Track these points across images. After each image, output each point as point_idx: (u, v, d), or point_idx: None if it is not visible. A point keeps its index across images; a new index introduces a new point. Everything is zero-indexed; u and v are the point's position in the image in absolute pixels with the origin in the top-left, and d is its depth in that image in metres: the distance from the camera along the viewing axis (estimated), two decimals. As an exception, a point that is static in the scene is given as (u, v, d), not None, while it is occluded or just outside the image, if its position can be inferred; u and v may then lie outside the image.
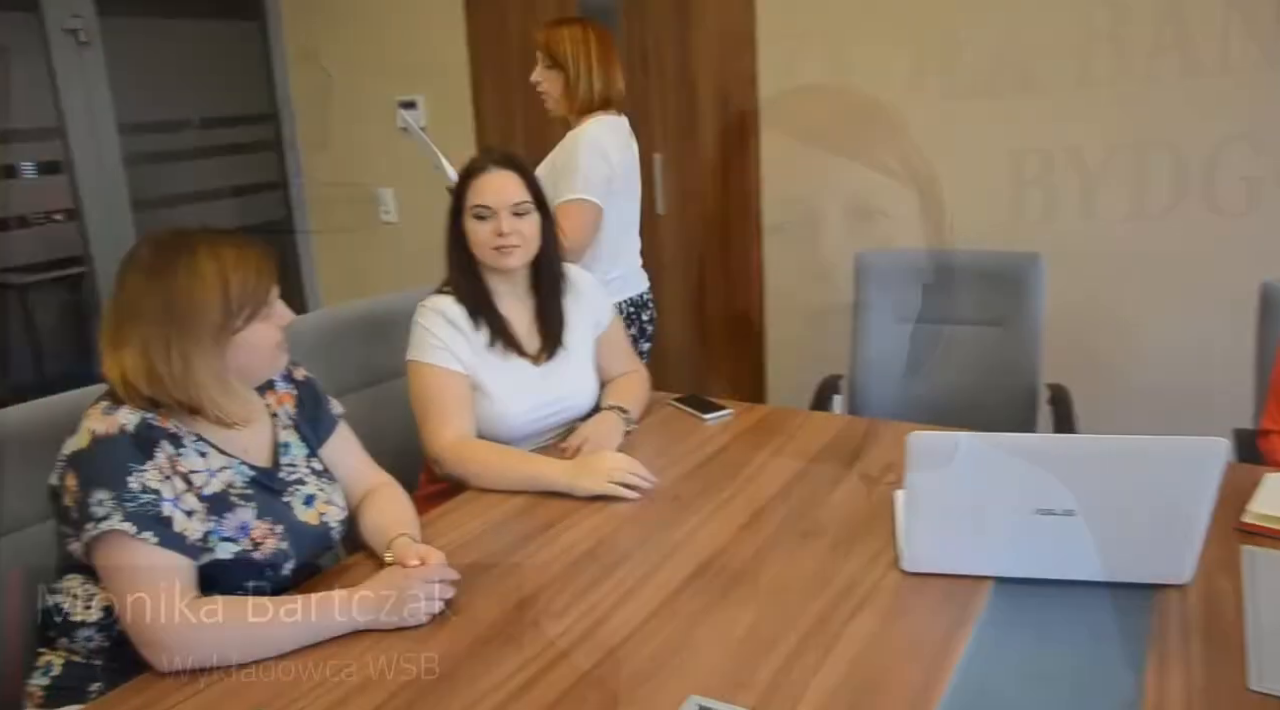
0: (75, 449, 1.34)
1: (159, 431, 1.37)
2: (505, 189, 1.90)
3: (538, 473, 1.78)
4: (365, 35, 3.89)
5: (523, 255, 1.92)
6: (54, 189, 3.68)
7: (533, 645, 1.29)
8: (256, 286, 1.41)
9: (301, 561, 1.48)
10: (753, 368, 3.41)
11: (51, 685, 1.42)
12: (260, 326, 1.43)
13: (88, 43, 3.53)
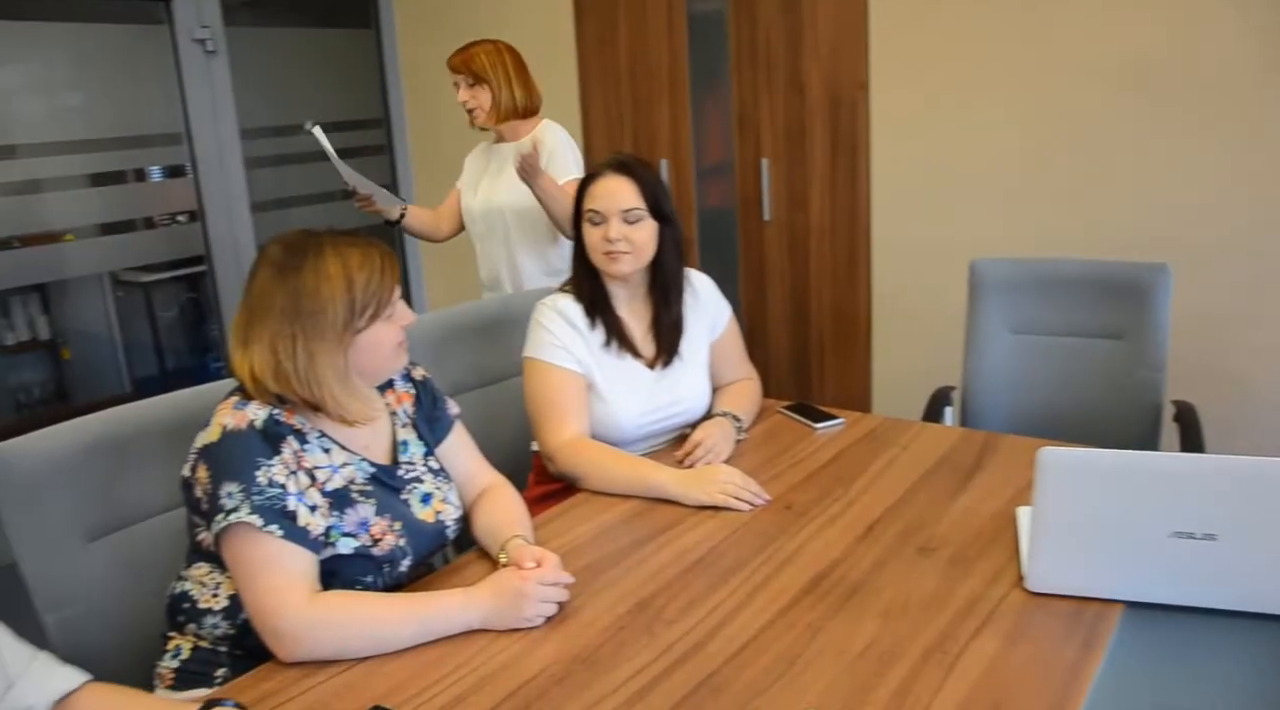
0: (206, 442, 1.38)
1: (285, 427, 1.41)
2: (617, 195, 1.90)
3: (650, 478, 1.77)
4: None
5: (631, 262, 1.92)
6: (178, 192, 3.84)
7: (648, 651, 1.28)
8: (380, 287, 1.44)
9: (417, 559, 1.51)
10: (858, 376, 3.36)
11: (180, 668, 1.47)
12: (382, 326, 1.46)
13: (214, 52, 3.67)
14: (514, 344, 2.29)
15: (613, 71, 3.63)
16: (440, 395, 1.68)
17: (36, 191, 3.39)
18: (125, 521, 1.62)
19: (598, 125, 3.72)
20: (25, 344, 4.11)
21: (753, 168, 3.41)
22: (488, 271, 2.92)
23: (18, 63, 3.35)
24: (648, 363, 1.99)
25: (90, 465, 1.58)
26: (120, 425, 1.64)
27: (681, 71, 3.48)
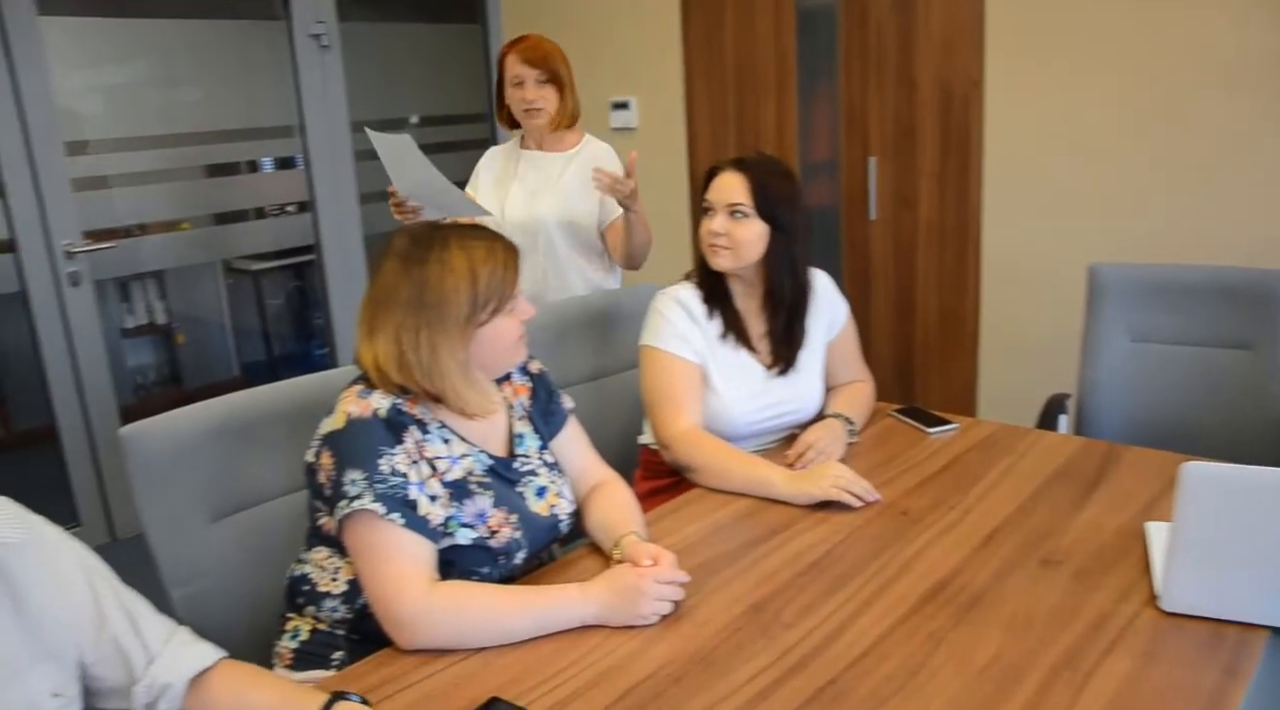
0: (331, 429, 1.41)
1: (408, 417, 1.42)
2: (727, 189, 1.89)
3: (761, 476, 1.76)
4: (581, 37, 3.96)
5: (731, 258, 1.90)
6: (288, 183, 3.94)
7: (766, 654, 1.26)
8: (503, 281, 1.45)
9: (532, 552, 1.52)
10: (963, 380, 3.28)
11: (298, 649, 1.50)
12: (503, 320, 1.47)
13: (328, 47, 3.75)
14: (623, 339, 2.30)
15: (718, 67, 3.61)
16: (555, 389, 1.69)
17: (157, 182, 3.51)
18: (246, 503, 1.67)
19: (702, 122, 3.70)
20: (143, 328, 4.27)
21: (859, 166, 3.35)
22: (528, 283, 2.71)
23: (141, 59, 3.48)
24: (763, 360, 1.97)
25: (215, 447, 1.62)
26: (243, 410, 1.68)
27: (789, 68, 3.44)
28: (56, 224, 3.15)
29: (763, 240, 1.88)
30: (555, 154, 2.60)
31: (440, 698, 1.21)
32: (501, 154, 2.72)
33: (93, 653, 1.15)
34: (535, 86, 2.50)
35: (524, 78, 2.49)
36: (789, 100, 3.46)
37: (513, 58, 2.50)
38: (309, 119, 3.76)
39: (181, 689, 1.18)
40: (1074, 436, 2.03)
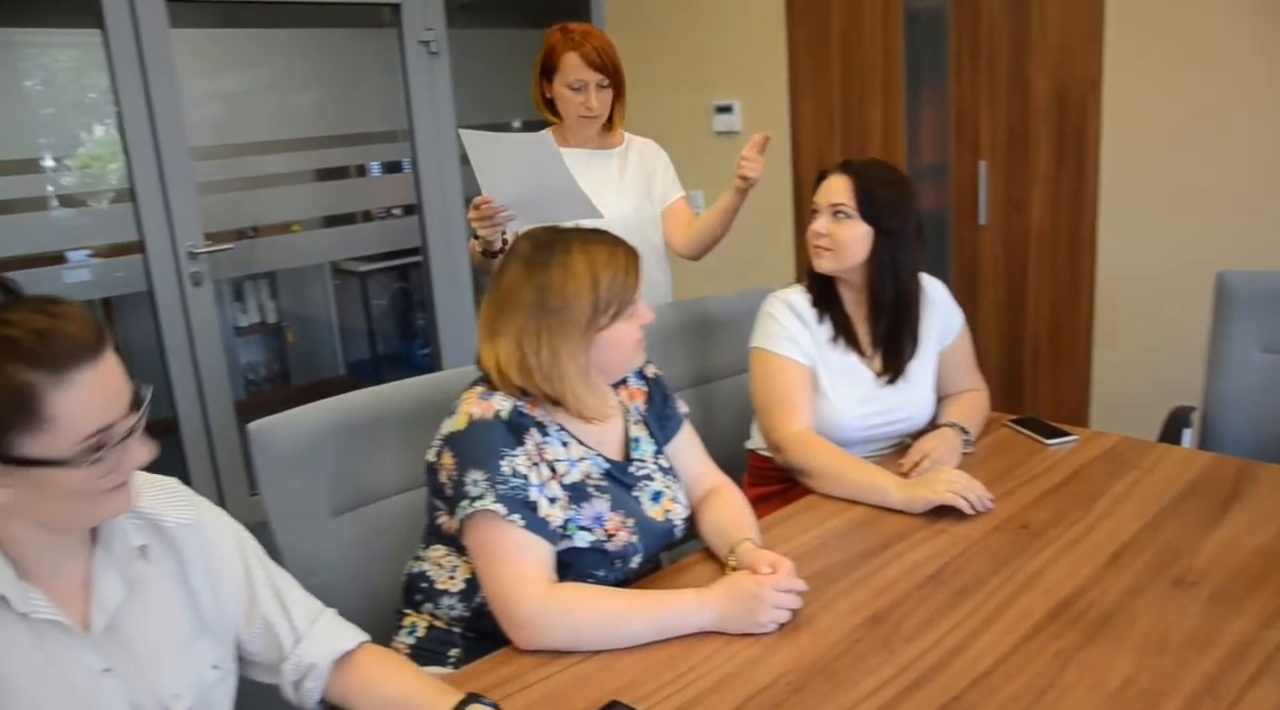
0: (453, 430, 1.43)
1: (529, 419, 1.44)
2: (832, 190, 1.87)
3: (875, 483, 1.73)
4: (684, 40, 3.98)
5: (832, 259, 1.87)
6: (395, 186, 4.03)
7: (887, 667, 1.24)
8: (624, 285, 1.45)
9: (647, 556, 1.52)
10: (1075, 390, 3.18)
11: (416, 645, 1.53)
12: (623, 325, 1.47)
13: (437, 53, 3.83)
14: (728, 343, 2.29)
15: (824, 70, 3.57)
16: (670, 393, 1.69)
17: (270, 186, 3.62)
18: (365, 500, 1.71)
19: (806, 125, 3.67)
20: (255, 326, 4.43)
21: (969, 170, 3.28)
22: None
23: (256, 67, 3.59)
24: (873, 367, 1.94)
25: (337, 444, 1.67)
26: (364, 408, 1.72)
27: (896, 70, 3.38)
28: (181, 226, 3.27)
29: (865, 243, 1.85)
30: (607, 151, 2.44)
31: (559, 699, 1.22)
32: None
33: (246, 630, 1.21)
34: (598, 92, 2.29)
35: (587, 82, 2.28)
36: (896, 103, 3.41)
37: (575, 59, 2.26)
38: (417, 124, 3.83)
39: (326, 669, 1.23)
40: (1202, 452, 1.95)
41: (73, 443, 0.96)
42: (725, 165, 3.89)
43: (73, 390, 0.94)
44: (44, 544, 1.04)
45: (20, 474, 0.96)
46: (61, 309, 0.97)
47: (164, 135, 3.20)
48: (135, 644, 1.10)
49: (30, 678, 1.02)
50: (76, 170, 3.21)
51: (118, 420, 0.99)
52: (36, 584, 1.04)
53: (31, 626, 1.03)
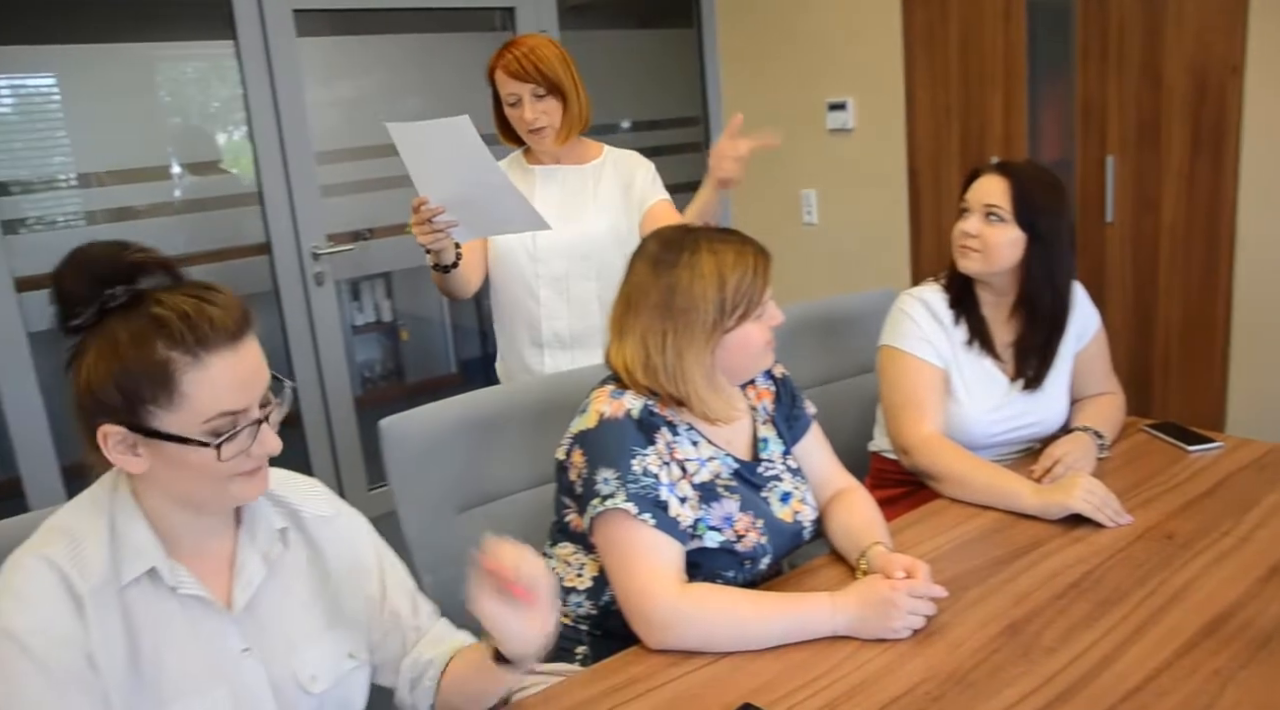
0: (583, 428, 1.43)
1: (659, 418, 1.43)
2: (986, 191, 1.82)
3: (1008, 488, 1.68)
4: (797, 38, 3.93)
5: (980, 261, 1.81)
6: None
7: (1028, 679, 1.20)
8: (751, 286, 1.43)
9: (776, 558, 1.50)
10: (1211, 395, 3.03)
11: (542, 642, 1.54)
12: (751, 327, 1.45)
13: (551, 54, 3.86)
14: (852, 343, 2.26)
15: (942, 63, 3.48)
16: (799, 394, 1.66)
17: (384, 188, 3.70)
18: (490, 496, 1.73)
19: (923, 120, 3.58)
20: (371, 325, 4.54)
21: (1095, 165, 3.16)
22: (562, 323, 2.21)
23: (374, 73, 3.68)
24: (1007, 371, 1.88)
25: (465, 441, 1.69)
26: (489, 406, 1.75)
27: (1018, 62, 3.28)
28: (305, 228, 3.38)
29: (1016, 248, 1.79)
30: (580, 166, 2.24)
31: (691, 700, 1.21)
32: (508, 173, 2.17)
33: (377, 626, 1.24)
34: (533, 102, 2.09)
35: (519, 95, 2.09)
36: (1018, 97, 3.30)
37: (500, 75, 2.10)
38: (530, 126, 3.87)
39: (440, 667, 1.24)
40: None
41: (200, 422, 1.00)
42: (842, 163, 3.86)
43: (206, 371, 0.99)
44: (190, 523, 1.08)
45: (154, 446, 1.01)
46: (211, 295, 1.02)
47: (290, 140, 3.31)
48: (273, 625, 1.13)
49: (178, 650, 1.06)
50: (205, 176, 3.34)
51: (250, 406, 1.03)
52: (184, 561, 1.08)
53: (180, 601, 1.07)
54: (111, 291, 1.00)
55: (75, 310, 1.00)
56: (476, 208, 1.91)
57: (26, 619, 0.98)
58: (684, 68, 4.36)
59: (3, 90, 2.96)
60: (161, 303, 1.00)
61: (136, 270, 1.02)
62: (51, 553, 1.01)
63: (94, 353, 0.99)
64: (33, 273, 2.98)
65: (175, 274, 1.05)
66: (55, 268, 1.01)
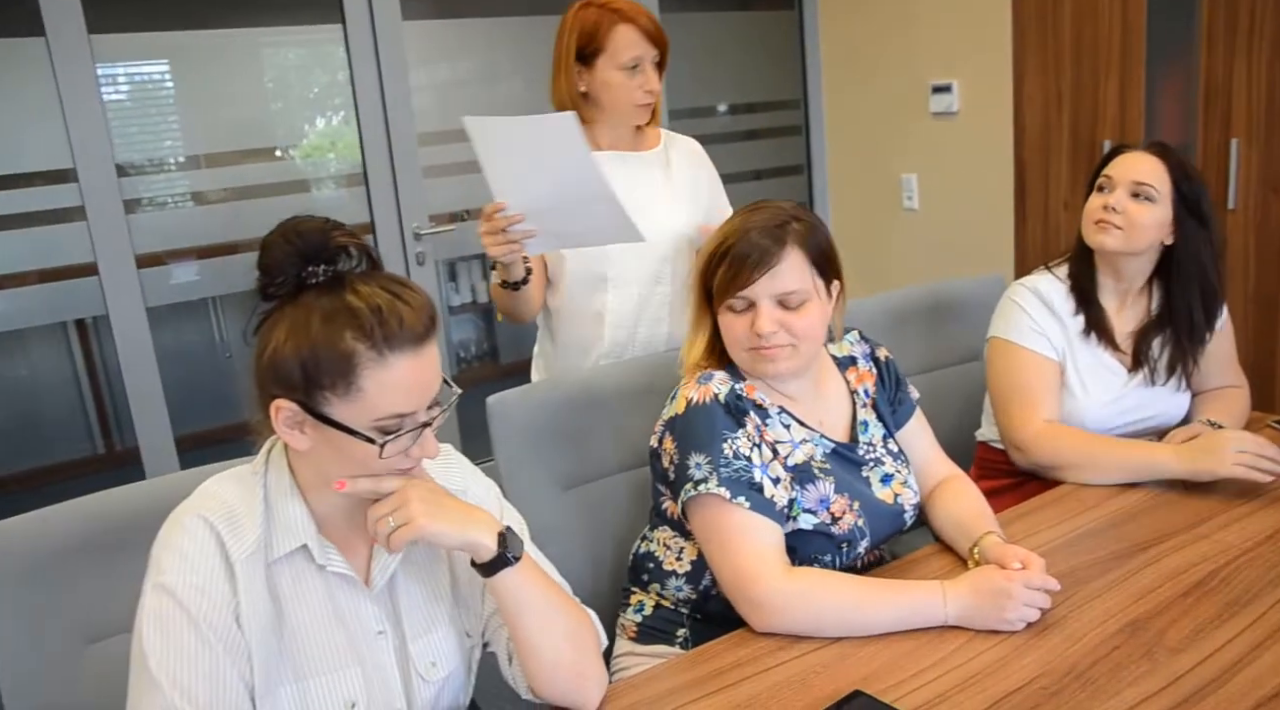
0: (672, 414, 1.42)
1: (747, 402, 1.41)
2: (1137, 167, 1.74)
3: (1148, 458, 1.63)
4: (899, 18, 3.85)
5: (1121, 239, 1.73)
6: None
7: (1151, 679, 1.15)
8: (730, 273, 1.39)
9: (874, 542, 1.47)
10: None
11: (643, 623, 1.54)
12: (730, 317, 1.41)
13: (651, 36, 3.84)
14: (960, 331, 2.21)
15: (1054, 45, 3.36)
16: (903, 378, 1.62)
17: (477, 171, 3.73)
18: (591, 476, 1.74)
19: (1032, 105, 3.47)
20: (466, 306, 4.59)
21: (1219, 149, 3.02)
22: (624, 333, 1.99)
23: (472, 56, 3.70)
24: (1125, 363, 1.82)
25: (568, 420, 1.70)
26: (594, 385, 1.75)
27: (1137, 43, 3.15)
28: (408, 208, 3.44)
29: (1160, 231, 1.73)
30: (643, 153, 2.01)
31: (799, 684, 1.20)
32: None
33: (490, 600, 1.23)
34: (653, 70, 1.87)
35: (643, 59, 1.85)
36: (1135, 78, 3.17)
37: (630, 34, 1.83)
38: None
39: None
40: None
41: (371, 418, 1.02)
42: (944, 148, 3.77)
43: (387, 371, 1.00)
44: (339, 501, 1.10)
45: (321, 430, 1.03)
46: (407, 294, 1.03)
47: (395, 122, 3.37)
48: (404, 607, 1.15)
49: (320, 626, 1.09)
50: (310, 158, 3.42)
51: (418, 410, 1.04)
52: (331, 538, 1.11)
53: (325, 578, 1.10)
54: (313, 269, 1.02)
55: (275, 279, 1.02)
56: (562, 217, 1.67)
57: (185, 576, 1.02)
58: (784, 50, 4.30)
59: (121, 77, 3.07)
60: (358, 292, 1.01)
61: (339, 252, 1.03)
62: (210, 516, 1.05)
63: (285, 327, 1.01)
64: (149, 250, 3.10)
65: (375, 261, 1.06)
66: (265, 235, 1.03)
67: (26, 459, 3.41)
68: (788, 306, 1.37)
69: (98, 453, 3.55)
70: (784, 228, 1.37)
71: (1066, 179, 3.40)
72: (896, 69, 3.88)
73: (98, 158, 2.95)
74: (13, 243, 2.96)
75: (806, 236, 1.38)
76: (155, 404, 3.12)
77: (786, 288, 1.36)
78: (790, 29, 4.26)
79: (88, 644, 1.28)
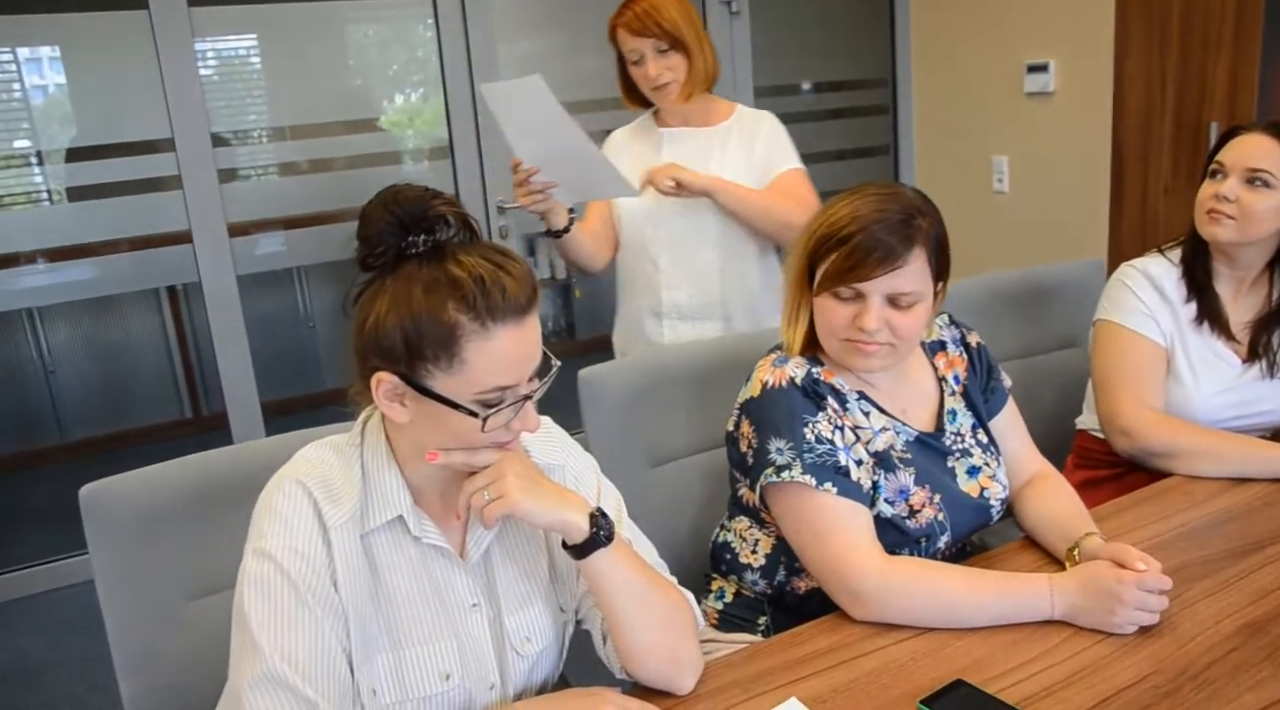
0: (748, 397, 1.39)
1: (825, 386, 1.37)
2: (1252, 152, 1.65)
3: (1273, 453, 1.58)
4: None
5: (1234, 230, 1.66)
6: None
7: (1274, 684, 1.10)
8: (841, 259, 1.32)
9: (956, 536, 1.41)
10: None
11: (724, 611, 1.52)
12: (831, 302, 1.34)
13: (738, 13, 3.80)
14: (1058, 316, 2.15)
15: (1161, 21, 3.23)
16: (995, 365, 1.55)
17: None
18: (685, 452, 1.73)
19: (1134, 85, 3.34)
20: (545, 281, 4.60)
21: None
22: (681, 294, 2.17)
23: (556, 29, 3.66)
24: (1240, 353, 1.74)
25: (659, 396, 1.69)
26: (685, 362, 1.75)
27: (1253, 18, 3.01)
28: (492, 182, 3.46)
29: (1279, 217, 1.65)
30: (707, 128, 2.16)
31: (898, 671, 1.17)
32: (634, 137, 2.23)
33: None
34: (656, 58, 2.04)
35: (641, 52, 2.04)
36: (1249, 58, 3.03)
37: (621, 33, 2.06)
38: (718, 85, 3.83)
39: None
40: None
41: (473, 391, 1.00)
42: (1038, 129, 3.66)
43: (490, 342, 0.99)
44: (436, 473, 1.10)
45: (421, 402, 1.02)
46: (509, 264, 1.01)
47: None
48: (499, 581, 1.15)
49: (416, 597, 1.10)
50: (396, 131, 3.45)
51: (520, 383, 1.03)
52: (426, 510, 1.11)
53: (420, 549, 1.10)
54: (414, 239, 1.00)
55: (375, 249, 1.01)
56: (568, 169, 1.91)
57: (284, 539, 1.03)
58: (872, 27, 4.20)
59: (210, 51, 3.12)
60: (460, 263, 0.99)
61: (439, 221, 1.02)
62: (308, 481, 1.06)
63: (387, 298, 1.00)
64: (237, 220, 3.16)
65: (474, 230, 1.05)
66: (365, 205, 1.02)
67: (118, 421, 3.52)
68: (897, 306, 1.31)
69: (185, 417, 3.65)
70: (912, 225, 1.30)
71: (1168, 163, 3.27)
72: (990, 47, 3.77)
73: (194, 128, 3.02)
74: (111, 210, 3.04)
75: (931, 234, 1.32)
76: (244, 371, 3.19)
77: (904, 289, 1.30)
78: (879, 5, 4.16)
79: (188, 601, 1.31)
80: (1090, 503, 1.52)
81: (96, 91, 3.01)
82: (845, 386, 1.40)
